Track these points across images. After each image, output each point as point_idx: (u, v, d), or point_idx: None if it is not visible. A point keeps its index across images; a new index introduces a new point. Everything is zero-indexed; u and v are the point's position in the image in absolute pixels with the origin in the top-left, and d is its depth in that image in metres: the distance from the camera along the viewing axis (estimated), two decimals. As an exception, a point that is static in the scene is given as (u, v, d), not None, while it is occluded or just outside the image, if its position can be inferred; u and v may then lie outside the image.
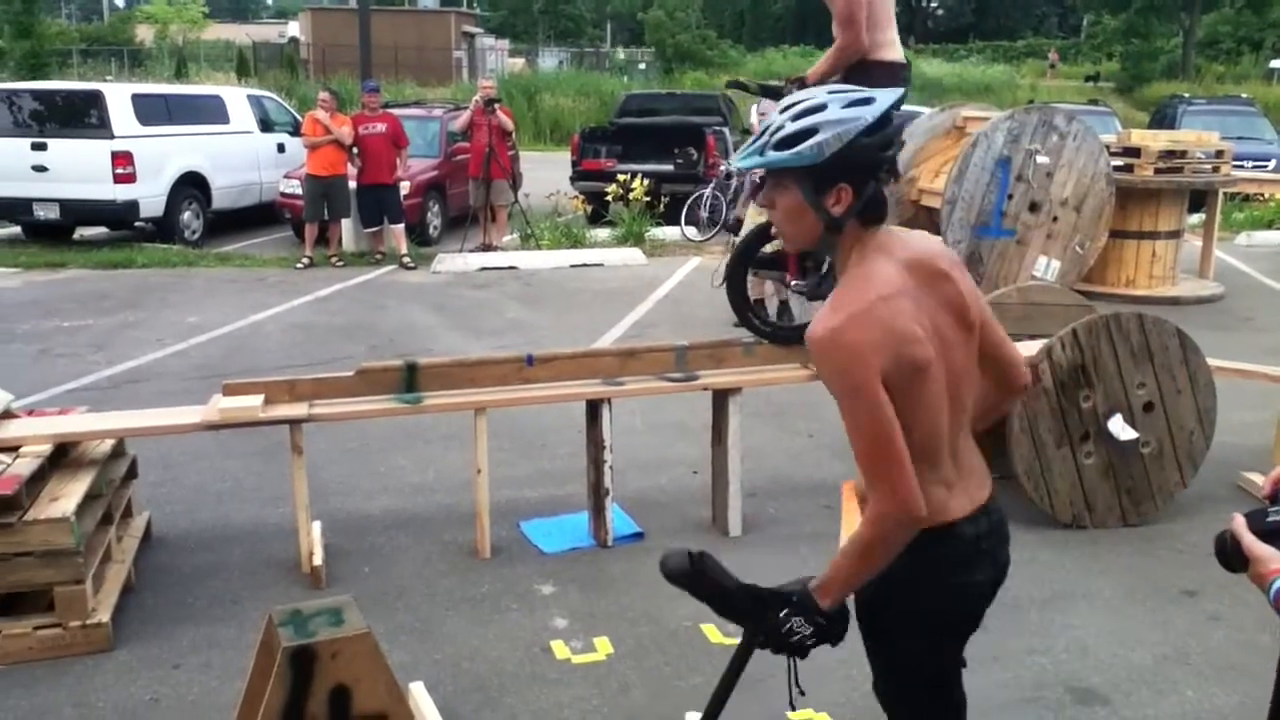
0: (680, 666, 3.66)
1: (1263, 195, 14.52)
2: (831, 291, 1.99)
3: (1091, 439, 4.71)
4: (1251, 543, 1.58)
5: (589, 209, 14.08)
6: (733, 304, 4.85)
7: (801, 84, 4.65)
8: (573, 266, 11.68)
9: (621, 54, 48.42)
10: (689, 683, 3.55)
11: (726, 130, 15.03)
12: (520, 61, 45.32)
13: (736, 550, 4.57)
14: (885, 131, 1.95)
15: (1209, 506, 4.95)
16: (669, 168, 14.28)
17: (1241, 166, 12.36)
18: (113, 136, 11.88)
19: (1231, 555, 1.62)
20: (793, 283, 4.83)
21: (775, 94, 4.88)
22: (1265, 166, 15.64)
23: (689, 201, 13.22)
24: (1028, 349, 4.85)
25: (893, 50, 5.06)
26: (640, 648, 3.79)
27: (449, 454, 5.71)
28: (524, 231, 12.68)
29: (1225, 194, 11.96)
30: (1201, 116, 16.94)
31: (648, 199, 13.00)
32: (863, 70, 4.79)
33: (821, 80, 4.68)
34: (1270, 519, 1.59)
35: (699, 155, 14.22)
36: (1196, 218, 11.46)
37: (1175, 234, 9.95)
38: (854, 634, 4.05)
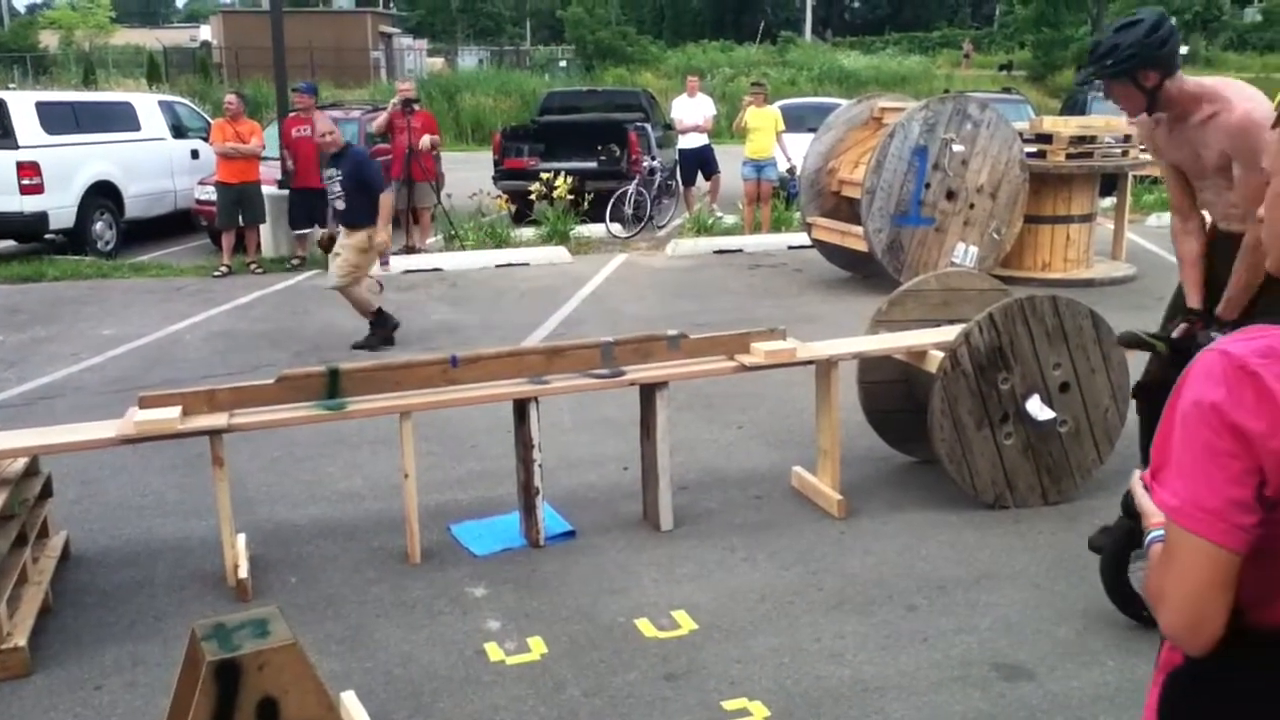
0: (615, 663, 3.66)
1: (1170, 177, 14.89)
2: None
3: (1011, 420, 4.80)
4: (1140, 497, 1.64)
5: (513, 208, 14.00)
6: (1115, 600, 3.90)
7: (1208, 323, 3.91)
8: (498, 266, 11.62)
9: (542, 51, 48.24)
10: (624, 678, 3.55)
11: (649, 126, 15.04)
12: (439, 61, 44.96)
13: (668, 544, 4.60)
14: None
15: (1126, 482, 5.06)
16: (592, 165, 14.27)
17: (1149, 150, 12.70)
18: (17, 146, 11.52)
19: (1132, 510, 1.68)
20: None
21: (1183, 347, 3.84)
22: (1172, 149, 16.07)
23: (613, 198, 13.22)
24: (947, 334, 4.96)
25: None
26: (575, 646, 3.78)
27: (377, 459, 5.64)
28: (448, 233, 12.58)
29: (1135, 177, 12.28)
30: (1111, 102, 17.36)
31: (571, 197, 12.97)
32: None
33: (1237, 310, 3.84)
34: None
35: (622, 152, 14.22)
36: (1108, 201, 11.77)
37: (1088, 218, 10.20)
38: (784, 618, 4.05)
